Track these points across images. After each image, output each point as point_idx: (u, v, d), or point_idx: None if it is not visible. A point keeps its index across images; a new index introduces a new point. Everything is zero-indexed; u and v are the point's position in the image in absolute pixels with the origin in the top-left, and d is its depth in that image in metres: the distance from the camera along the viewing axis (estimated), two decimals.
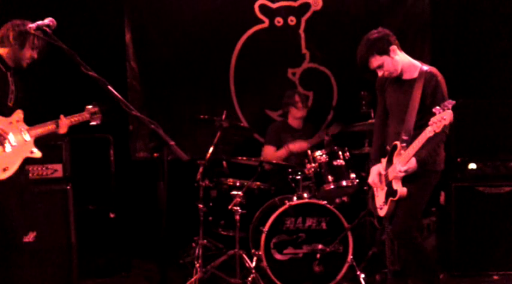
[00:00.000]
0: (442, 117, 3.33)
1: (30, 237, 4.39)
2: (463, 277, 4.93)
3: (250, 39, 5.96)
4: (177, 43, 5.89)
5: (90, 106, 4.09)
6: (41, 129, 3.82)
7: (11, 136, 3.65)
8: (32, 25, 3.38)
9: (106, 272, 5.23)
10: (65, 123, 3.89)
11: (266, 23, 5.96)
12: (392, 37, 3.84)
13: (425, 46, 5.98)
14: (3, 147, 3.60)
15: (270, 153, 5.55)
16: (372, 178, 4.07)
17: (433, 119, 3.39)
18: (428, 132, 3.45)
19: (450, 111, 3.33)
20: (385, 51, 3.78)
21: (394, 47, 3.80)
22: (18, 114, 3.75)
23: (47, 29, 3.33)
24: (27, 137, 3.74)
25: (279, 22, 5.98)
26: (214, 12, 5.88)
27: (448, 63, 5.60)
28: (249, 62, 5.97)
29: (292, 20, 5.98)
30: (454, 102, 3.34)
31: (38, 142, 3.81)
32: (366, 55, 3.81)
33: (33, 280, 4.38)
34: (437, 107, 3.38)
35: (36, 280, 4.41)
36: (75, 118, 3.99)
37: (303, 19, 5.98)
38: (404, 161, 3.67)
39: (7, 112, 3.70)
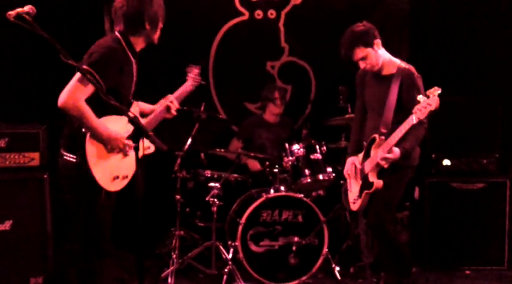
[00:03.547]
0: (428, 103, 3.37)
1: (6, 226, 4.35)
2: (436, 271, 5.01)
3: (230, 31, 5.94)
4: None
5: (190, 72, 3.84)
6: (156, 120, 3.55)
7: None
8: (12, 12, 3.32)
9: None
10: (175, 106, 3.63)
11: (246, 15, 5.95)
12: (376, 31, 3.91)
13: (403, 43, 6.02)
14: (125, 153, 3.33)
15: (235, 146, 5.61)
16: (347, 169, 4.12)
17: (417, 106, 3.43)
18: (411, 120, 3.49)
19: (436, 98, 3.36)
20: (370, 44, 3.84)
21: (378, 41, 3.87)
22: (135, 108, 3.48)
23: (27, 17, 3.27)
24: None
25: (258, 15, 5.98)
26: (194, 3, 5.85)
27: (425, 61, 5.66)
28: (229, 53, 5.95)
29: (272, 13, 5.99)
30: (440, 89, 3.38)
31: None
32: (352, 45, 3.85)
33: (9, 268, 4.36)
34: (421, 95, 3.42)
35: (12, 268, 4.37)
36: (183, 93, 3.74)
37: (283, 12, 5.99)
38: (386, 149, 3.71)
39: (127, 108, 3.31)
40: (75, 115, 3.13)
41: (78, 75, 3.09)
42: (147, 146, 3.43)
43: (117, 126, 3.28)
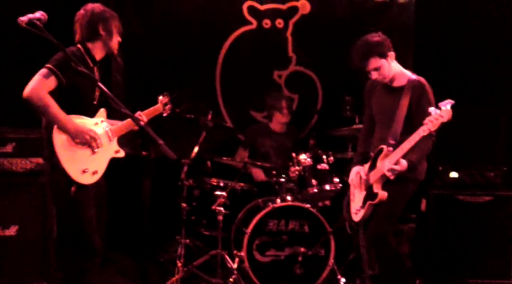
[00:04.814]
0: (440, 114, 3.35)
1: (12, 231, 4.34)
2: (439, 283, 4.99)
3: (237, 39, 5.95)
4: (163, 40, 5.85)
5: (161, 97, 4.03)
6: (124, 129, 3.71)
7: (100, 138, 3.52)
8: (23, 18, 3.34)
9: None
10: (143, 121, 3.79)
11: (254, 24, 5.96)
12: (390, 43, 3.90)
13: (408, 54, 6.02)
14: (92, 150, 3.48)
15: (241, 155, 5.60)
16: (351, 178, 4.11)
17: (428, 118, 3.40)
18: (422, 131, 3.47)
19: (449, 110, 3.34)
20: (385, 55, 3.84)
21: (392, 53, 3.87)
22: (103, 113, 3.64)
23: (38, 23, 3.30)
24: (112, 136, 3.65)
25: (266, 24, 5.99)
26: (202, 11, 5.86)
27: (430, 71, 5.65)
28: (236, 62, 5.97)
29: (280, 23, 6.00)
30: (453, 101, 3.36)
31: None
32: (367, 55, 3.82)
33: (12, 273, 4.36)
34: (432, 108, 3.41)
35: (15, 273, 4.37)
36: (152, 112, 3.92)
37: (291, 22, 6.00)
38: (394, 160, 3.70)
39: (91, 112, 3.58)
40: (39, 106, 3.29)
41: (42, 70, 3.35)
42: (116, 150, 3.65)
43: (82, 123, 3.46)
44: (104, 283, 4.92)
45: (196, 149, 4.84)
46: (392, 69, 3.89)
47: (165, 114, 4.06)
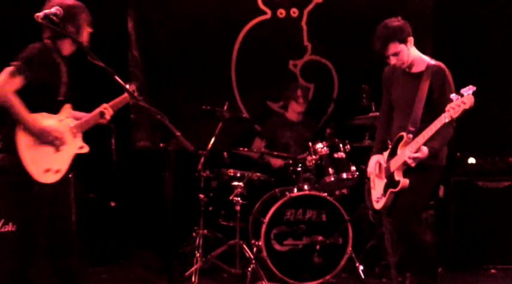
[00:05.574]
0: (462, 101, 3.31)
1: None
2: (461, 271, 4.97)
3: (252, 30, 5.95)
4: (179, 33, 5.88)
5: (128, 86, 3.79)
6: (88, 123, 3.66)
7: (64, 136, 3.50)
8: (39, 14, 3.38)
9: (105, 260, 5.27)
10: (109, 113, 3.70)
11: (268, 14, 5.95)
12: (410, 28, 3.85)
13: (427, 41, 5.97)
14: (56, 148, 3.45)
15: (257, 145, 5.62)
16: (371, 167, 4.09)
17: (450, 105, 3.35)
18: (444, 118, 3.42)
19: (471, 96, 3.29)
20: (404, 40, 3.79)
21: (411, 38, 3.82)
22: (67, 110, 3.59)
23: (54, 18, 3.34)
24: (76, 132, 3.61)
25: (281, 14, 5.97)
26: (217, 3, 5.87)
27: (450, 59, 5.60)
28: (251, 53, 5.97)
29: (294, 12, 5.98)
30: (474, 87, 3.31)
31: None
32: (387, 40, 3.77)
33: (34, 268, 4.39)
34: (454, 94, 3.37)
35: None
36: (118, 104, 3.79)
37: (306, 11, 5.98)
38: (415, 148, 3.67)
39: (56, 108, 3.53)
40: (5, 105, 3.28)
41: (8, 68, 3.31)
42: (80, 146, 3.63)
43: (47, 122, 3.43)
44: (129, 278, 5.00)
45: (212, 140, 4.86)
46: (411, 54, 3.85)
47: (132, 102, 3.83)
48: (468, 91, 3.30)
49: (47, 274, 3.59)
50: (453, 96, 3.36)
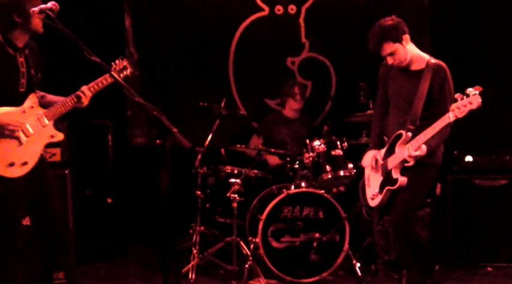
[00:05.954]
0: (469, 101, 3.29)
1: (27, 221, 4.38)
2: (458, 268, 4.96)
3: (250, 27, 5.94)
4: (176, 30, 5.87)
5: (118, 61, 3.80)
6: (60, 109, 3.58)
7: (26, 127, 3.46)
8: (35, 8, 3.37)
9: (102, 257, 5.27)
10: (87, 94, 3.60)
11: (266, 11, 5.94)
12: (405, 26, 3.82)
13: (424, 38, 5.97)
14: (19, 140, 3.42)
15: (255, 143, 5.61)
16: (366, 161, 4.07)
17: (455, 104, 3.33)
18: (448, 118, 3.40)
19: (478, 96, 3.27)
20: (399, 39, 3.76)
21: (407, 36, 3.79)
22: (32, 99, 3.53)
23: (50, 13, 3.33)
24: (45, 121, 3.55)
25: (279, 10, 5.96)
26: None
27: (447, 56, 5.60)
28: (248, 49, 5.96)
29: (292, 9, 5.97)
30: (481, 88, 3.30)
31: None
32: (380, 40, 3.75)
33: (30, 264, 4.39)
34: (459, 94, 3.36)
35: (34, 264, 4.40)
36: (98, 85, 3.65)
37: (303, 8, 5.97)
38: (415, 146, 3.66)
39: (18, 100, 3.47)
40: None
41: None
42: (52, 134, 3.58)
43: (5, 115, 3.36)
44: (125, 274, 4.99)
45: (210, 137, 4.85)
46: (408, 52, 3.82)
47: (121, 76, 3.76)
48: (475, 91, 3.28)
49: (22, 276, 3.59)
50: (458, 95, 3.35)
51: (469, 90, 3.31)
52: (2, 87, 3.42)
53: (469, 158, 5.08)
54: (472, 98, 3.28)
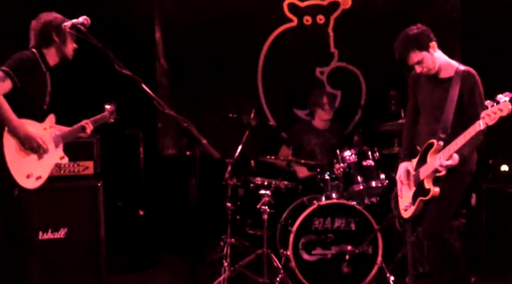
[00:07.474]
0: (499, 108, 3.23)
1: (61, 233, 4.43)
2: (493, 279, 4.86)
3: (278, 37, 5.95)
4: (206, 41, 5.89)
5: (108, 106, 4.06)
6: (71, 135, 3.77)
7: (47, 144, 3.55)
8: (67, 23, 3.44)
9: (133, 268, 5.29)
10: (90, 128, 3.84)
11: (295, 21, 5.94)
12: (431, 33, 3.78)
13: (456, 45, 5.91)
14: (39, 155, 3.50)
15: (284, 153, 5.56)
16: (400, 174, 4.01)
17: (486, 112, 3.27)
18: (478, 125, 3.33)
19: (508, 103, 3.19)
20: (425, 47, 3.71)
21: (434, 43, 3.74)
22: (51, 119, 3.67)
23: (82, 27, 3.40)
24: (60, 142, 3.68)
25: (307, 21, 5.96)
26: (243, 11, 5.88)
27: (479, 63, 5.52)
28: (277, 60, 5.96)
29: (320, 19, 5.96)
30: (511, 94, 3.25)
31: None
32: (406, 50, 3.71)
33: (63, 275, 4.43)
34: (489, 101, 3.29)
35: (66, 275, 4.44)
36: (98, 120, 3.95)
37: (332, 17, 5.95)
38: (447, 155, 3.60)
39: (40, 117, 3.59)
40: None
41: None
42: (61, 156, 3.70)
43: (32, 129, 3.48)
44: (155, 283, 4.99)
45: (239, 148, 4.84)
46: (436, 60, 3.77)
47: (111, 121, 4.08)
48: (505, 98, 3.22)
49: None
50: (488, 102, 3.28)
51: (499, 97, 3.24)
52: (32, 101, 3.54)
53: (505, 167, 4.99)
54: (502, 105, 3.21)
